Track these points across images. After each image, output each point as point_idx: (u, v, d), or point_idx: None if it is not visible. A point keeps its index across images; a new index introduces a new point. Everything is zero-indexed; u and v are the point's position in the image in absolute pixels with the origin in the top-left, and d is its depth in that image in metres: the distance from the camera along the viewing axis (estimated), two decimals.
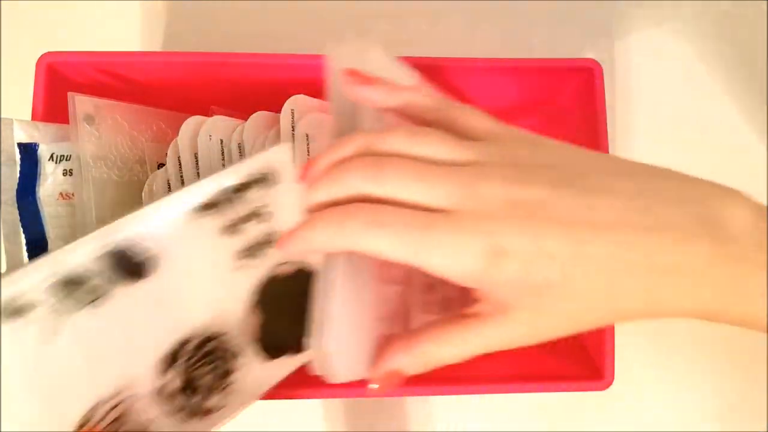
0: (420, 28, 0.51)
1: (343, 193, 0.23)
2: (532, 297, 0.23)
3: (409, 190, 0.22)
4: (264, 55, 0.36)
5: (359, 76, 0.26)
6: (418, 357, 0.25)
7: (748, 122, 0.51)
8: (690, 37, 0.52)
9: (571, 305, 0.23)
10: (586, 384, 0.37)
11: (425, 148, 0.23)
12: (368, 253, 0.22)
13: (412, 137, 0.24)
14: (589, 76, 0.38)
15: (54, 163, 0.34)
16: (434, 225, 0.22)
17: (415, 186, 0.22)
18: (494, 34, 0.51)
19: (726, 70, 0.52)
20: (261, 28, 0.50)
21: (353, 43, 0.27)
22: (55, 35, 0.48)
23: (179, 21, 0.49)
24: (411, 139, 0.24)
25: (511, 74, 0.40)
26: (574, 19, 0.51)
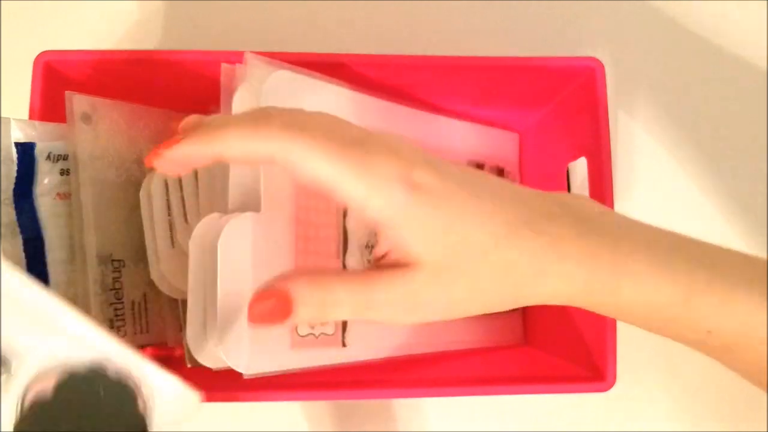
0: (419, 27, 0.50)
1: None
2: (443, 250, 0.23)
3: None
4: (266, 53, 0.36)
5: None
6: (316, 292, 0.23)
7: (749, 119, 0.51)
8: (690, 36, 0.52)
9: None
10: (587, 386, 0.37)
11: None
12: (286, 162, 0.22)
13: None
14: (590, 74, 0.37)
15: (51, 162, 0.34)
16: (352, 145, 0.22)
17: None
18: (494, 33, 0.51)
19: (726, 67, 0.52)
20: (260, 27, 0.50)
21: (257, 65, 0.29)
22: (52, 33, 0.48)
23: (178, 20, 0.49)
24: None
25: (512, 73, 0.39)
26: (575, 18, 0.51)
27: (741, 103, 0.51)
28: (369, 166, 0.22)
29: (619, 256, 0.24)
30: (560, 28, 0.51)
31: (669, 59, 0.52)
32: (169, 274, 0.35)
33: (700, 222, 0.50)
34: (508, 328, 0.46)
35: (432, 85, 0.39)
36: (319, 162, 0.22)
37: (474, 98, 0.42)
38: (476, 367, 0.42)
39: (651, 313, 0.25)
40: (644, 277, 0.24)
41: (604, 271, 0.24)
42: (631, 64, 0.51)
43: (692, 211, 0.50)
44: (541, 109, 0.44)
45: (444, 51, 0.37)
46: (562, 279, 0.24)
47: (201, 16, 0.49)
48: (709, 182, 0.51)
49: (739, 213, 0.51)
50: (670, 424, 0.48)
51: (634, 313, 0.25)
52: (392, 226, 0.23)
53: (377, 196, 0.22)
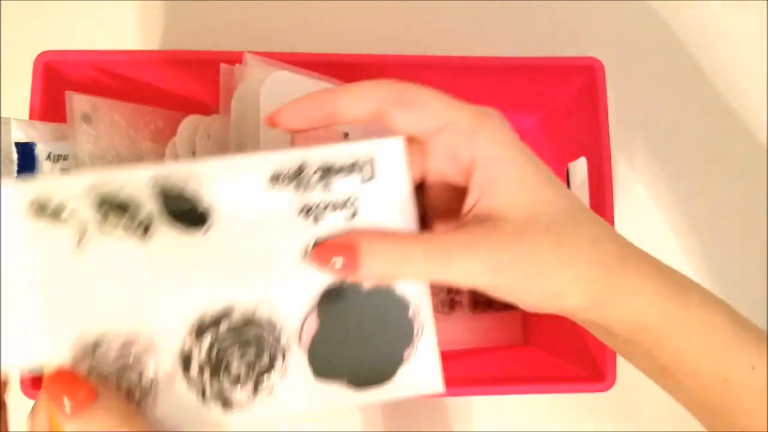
0: (419, 27, 0.50)
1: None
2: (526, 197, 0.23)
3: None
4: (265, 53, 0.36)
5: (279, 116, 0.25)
6: (388, 245, 0.23)
7: (749, 118, 0.51)
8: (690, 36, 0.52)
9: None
10: (588, 385, 0.37)
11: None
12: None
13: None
14: (591, 74, 0.37)
15: (51, 162, 0.34)
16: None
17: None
18: (494, 33, 0.51)
19: (726, 67, 0.52)
20: (260, 27, 0.50)
21: (256, 65, 0.29)
22: (53, 34, 0.48)
23: (178, 20, 0.49)
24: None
25: (512, 73, 0.39)
26: (575, 18, 0.51)
27: (741, 103, 0.51)
28: (485, 111, 0.24)
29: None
30: (560, 28, 0.51)
31: (669, 59, 0.52)
32: None
33: (700, 222, 0.50)
34: (508, 328, 0.46)
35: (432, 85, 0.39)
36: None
37: (474, 98, 0.42)
38: (476, 367, 0.42)
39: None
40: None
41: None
42: (631, 64, 0.51)
43: (692, 211, 0.50)
44: (541, 109, 0.44)
45: (444, 51, 0.37)
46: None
47: (201, 16, 0.49)
48: (709, 182, 0.51)
49: (739, 212, 0.51)
50: (669, 424, 0.48)
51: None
52: (492, 170, 0.23)
53: (487, 135, 0.24)
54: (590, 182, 0.38)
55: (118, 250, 0.24)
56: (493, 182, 0.23)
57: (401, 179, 0.26)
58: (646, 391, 0.48)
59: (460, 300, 0.46)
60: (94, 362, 0.24)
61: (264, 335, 0.26)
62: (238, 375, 0.26)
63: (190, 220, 0.25)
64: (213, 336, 0.25)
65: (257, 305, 0.26)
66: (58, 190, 0.23)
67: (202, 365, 0.25)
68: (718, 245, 0.50)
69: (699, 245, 0.50)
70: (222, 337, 0.25)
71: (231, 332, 0.26)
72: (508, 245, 0.23)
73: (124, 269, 0.24)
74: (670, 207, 0.50)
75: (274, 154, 0.25)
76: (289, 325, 0.26)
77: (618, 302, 0.24)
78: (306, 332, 0.26)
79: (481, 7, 0.51)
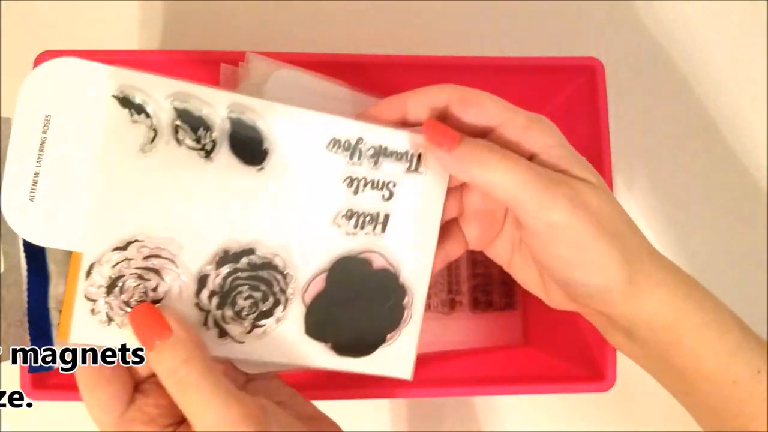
0: (419, 27, 0.50)
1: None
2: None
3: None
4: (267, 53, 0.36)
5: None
6: (471, 147, 0.26)
7: (748, 118, 0.51)
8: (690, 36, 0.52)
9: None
10: (587, 386, 0.37)
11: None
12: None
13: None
14: (590, 74, 0.37)
15: None
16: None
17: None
18: (494, 33, 0.51)
19: (726, 67, 0.52)
20: (260, 27, 0.50)
21: (259, 64, 0.30)
22: (54, 34, 0.48)
23: (179, 20, 0.49)
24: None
25: (512, 73, 0.39)
26: (576, 17, 0.51)
27: (741, 102, 0.51)
28: (536, 114, 0.28)
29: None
30: (560, 28, 0.51)
31: (669, 59, 0.52)
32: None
33: (700, 222, 0.50)
34: (508, 328, 0.46)
35: None
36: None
37: None
38: (476, 367, 0.42)
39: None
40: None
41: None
42: (631, 64, 0.51)
43: (691, 211, 0.50)
44: (541, 109, 0.44)
45: (444, 51, 0.37)
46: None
47: (201, 16, 0.49)
48: (709, 182, 0.51)
49: (739, 212, 0.51)
50: (669, 424, 0.48)
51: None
52: (554, 153, 0.27)
53: (539, 129, 0.27)
54: None
55: (179, 163, 0.26)
56: (558, 164, 0.26)
57: (439, 179, 0.28)
58: (646, 392, 0.48)
59: (460, 300, 0.46)
60: (122, 256, 0.26)
61: (274, 281, 0.28)
62: (241, 310, 0.27)
63: (251, 154, 0.26)
64: (231, 268, 0.27)
65: (278, 251, 0.27)
66: (143, 88, 0.25)
67: (214, 291, 0.27)
68: (718, 245, 0.50)
69: (699, 243, 0.50)
70: (238, 271, 0.27)
71: (248, 269, 0.27)
72: (584, 196, 0.26)
73: (179, 182, 0.26)
74: (669, 207, 0.50)
75: (341, 120, 0.27)
76: (300, 278, 0.28)
77: (645, 292, 0.25)
78: (311, 290, 0.28)
79: (481, 7, 0.51)
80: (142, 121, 0.25)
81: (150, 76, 0.25)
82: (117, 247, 0.26)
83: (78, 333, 0.25)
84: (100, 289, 0.26)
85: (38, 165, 0.25)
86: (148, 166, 0.25)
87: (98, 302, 0.26)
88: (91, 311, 0.26)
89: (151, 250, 0.26)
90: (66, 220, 0.25)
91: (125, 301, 0.26)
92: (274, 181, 0.27)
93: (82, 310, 0.25)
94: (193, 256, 0.26)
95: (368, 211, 0.28)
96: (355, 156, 0.27)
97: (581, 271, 0.26)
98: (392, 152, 0.28)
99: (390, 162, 0.28)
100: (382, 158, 0.28)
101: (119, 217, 0.25)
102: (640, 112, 0.51)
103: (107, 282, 0.26)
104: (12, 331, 0.32)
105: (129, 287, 0.26)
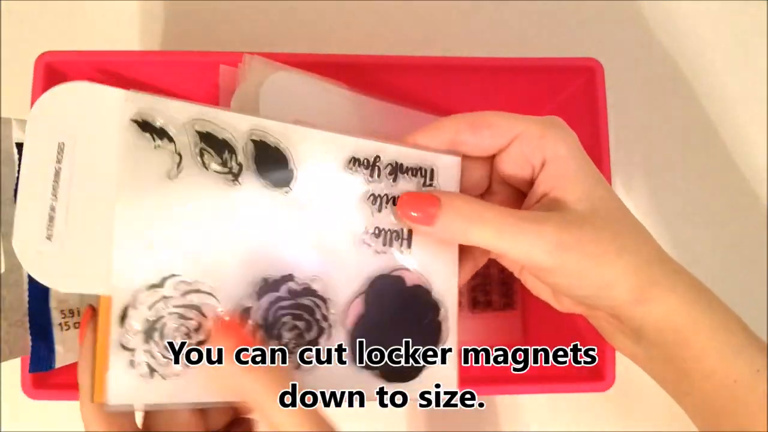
0: (419, 27, 0.50)
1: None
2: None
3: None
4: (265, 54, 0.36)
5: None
6: (466, 204, 0.25)
7: (748, 118, 0.51)
8: (689, 36, 0.52)
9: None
10: (587, 385, 0.37)
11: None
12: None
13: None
14: (590, 75, 0.37)
15: None
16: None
17: None
18: (494, 33, 0.51)
19: (725, 67, 0.52)
20: (260, 27, 0.50)
21: (255, 67, 0.29)
22: (54, 34, 0.48)
23: (179, 21, 0.49)
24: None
25: (512, 73, 0.39)
26: (575, 18, 0.51)
27: (741, 102, 0.51)
28: (551, 120, 0.27)
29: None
30: (560, 28, 0.51)
31: (668, 59, 0.52)
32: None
33: (699, 222, 0.50)
34: (507, 328, 0.46)
35: (432, 86, 0.39)
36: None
37: (473, 99, 0.42)
38: (476, 367, 0.42)
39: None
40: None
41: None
42: (630, 64, 0.51)
43: (691, 211, 0.50)
44: (540, 109, 0.44)
45: (443, 52, 0.38)
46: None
47: (201, 17, 0.49)
48: (708, 182, 0.51)
49: (739, 212, 0.51)
50: (669, 423, 0.48)
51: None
52: (561, 166, 0.26)
53: (554, 138, 0.27)
54: None
55: (208, 188, 0.24)
56: (563, 177, 0.26)
57: (452, 189, 0.28)
58: (646, 391, 0.48)
59: (460, 300, 0.46)
60: (159, 295, 0.23)
61: (316, 308, 0.26)
62: (287, 343, 0.26)
63: (277, 176, 0.26)
64: (273, 297, 0.26)
65: (315, 274, 0.26)
66: (163, 112, 0.24)
67: (257, 324, 0.25)
68: (718, 245, 0.50)
69: (699, 243, 0.50)
70: (280, 300, 0.26)
71: (289, 297, 0.26)
72: (573, 229, 0.25)
73: (209, 208, 0.24)
74: (668, 207, 0.50)
75: (357, 138, 0.27)
76: (338, 303, 0.27)
77: (656, 299, 0.26)
78: (351, 314, 0.27)
79: (481, 7, 0.51)
80: (165, 145, 0.24)
81: (168, 99, 0.24)
82: (152, 284, 0.23)
83: (117, 392, 0.22)
84: (137, 335, 0.23)
85: (54, 198, 0.23)
86: (176, 193, 0.24)
87: (136, 352, 0.23)
88: (130, 363, 0.23)
89: (190, 284, 0.24)
90: (90, 259, 0.23)
91: (166, 346, 0.23)
92: (301, 203, 0.26)
93: (118, 363, 0.23)
94: (232, 287, 0.25)
95: (393, 228, 0.28)
96: (374, 174, 0.27)
97: (587, 291, 0.26)
98: (407, 168, 0.28)
99: (406, 178, 0.28)
100: (398, 174, 0.28)
101: (151, 251, 0.23)
102: (639, 112, 0.51)
103: (145, 326, 0.23)
104: (13, 331, 0.32)
105: (170, 329, 0.23)
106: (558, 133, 0.27)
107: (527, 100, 0.43)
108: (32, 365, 0.33)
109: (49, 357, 0.33)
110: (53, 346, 0.33)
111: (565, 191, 0.26)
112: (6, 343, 0.32)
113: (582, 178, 0.26)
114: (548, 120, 0.27)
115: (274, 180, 0.26)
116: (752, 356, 0.26)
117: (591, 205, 0.26)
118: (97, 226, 0.23)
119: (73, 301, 0.34)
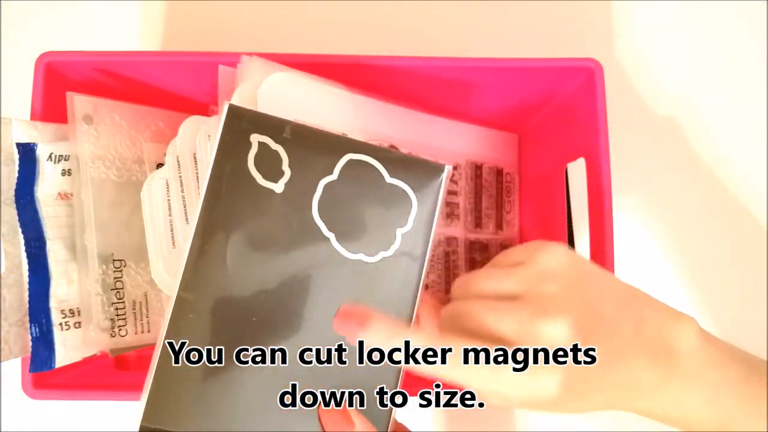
0: (418, 28, 0.50)
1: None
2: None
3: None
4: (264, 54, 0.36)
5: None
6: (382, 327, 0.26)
7: (748, 118, 0.51)
8: (689, 37, 0.52)
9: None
10: None
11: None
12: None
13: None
14: (589, 75, 0.37)
15: (52, 163, 0.34)
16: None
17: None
18: (494, 34, 0.51)
19: (725, 67, 0.52)
20: (260, 27, 0.50)
21: (254, 67, 0.30)
22: (54, 35, 0.48)
23: (179, 21, 0.49)
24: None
25: (511, 74, 0.39)
26: (575, 18, 0.51)
27: (740, 102, 0.51)
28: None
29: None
30: (560, 28, 0.51)
31: (668, 59, 0.52)
32: (170, 273, 0.35)
33: (699, 222, 0.50)
34: None
35: (431, 86, 0.40)
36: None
37: (473, 99, 0.42)
38: None
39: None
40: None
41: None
42: (630, 64, 0.51)
43: (690, 212, 0.50)
44: (540, 109, 0.44)
45: (443, 51, 0.38)
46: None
47: (201, 17, 0.49)
48: (708, 182, 0.51)
49: (739, 212, 0.51)
50: None
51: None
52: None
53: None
54: (588, 183, 0.38)
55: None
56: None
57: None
58: None
59: None
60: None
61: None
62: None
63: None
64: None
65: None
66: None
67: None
68: (718, 245, 0.50)
69: (698, 243, 0.50)
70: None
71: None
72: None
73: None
74: (668, 208, 0.50)
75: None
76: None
77: (673, 391, 0.29)
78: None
79: (481, 7, 0.51)
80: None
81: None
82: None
83: None
84: None
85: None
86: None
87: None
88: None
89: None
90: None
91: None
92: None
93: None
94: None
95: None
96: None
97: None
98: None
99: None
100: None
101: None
102: (639, 112, 0.51)
103: None
104: (13, 331, 0.32)
105: None
106: (525, 270, 0.28)
107: (527, 101, 0.43)
108: (32, 365, 0.33)
109: (49, 357, 0.33)
110: (53, 346, 0.33)
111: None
112: (6, 343, 0.32)
113: (547, 318, 0.27)
114: (519, 253, 0.29)
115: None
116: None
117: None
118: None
119: (73, 301, 0.35)
